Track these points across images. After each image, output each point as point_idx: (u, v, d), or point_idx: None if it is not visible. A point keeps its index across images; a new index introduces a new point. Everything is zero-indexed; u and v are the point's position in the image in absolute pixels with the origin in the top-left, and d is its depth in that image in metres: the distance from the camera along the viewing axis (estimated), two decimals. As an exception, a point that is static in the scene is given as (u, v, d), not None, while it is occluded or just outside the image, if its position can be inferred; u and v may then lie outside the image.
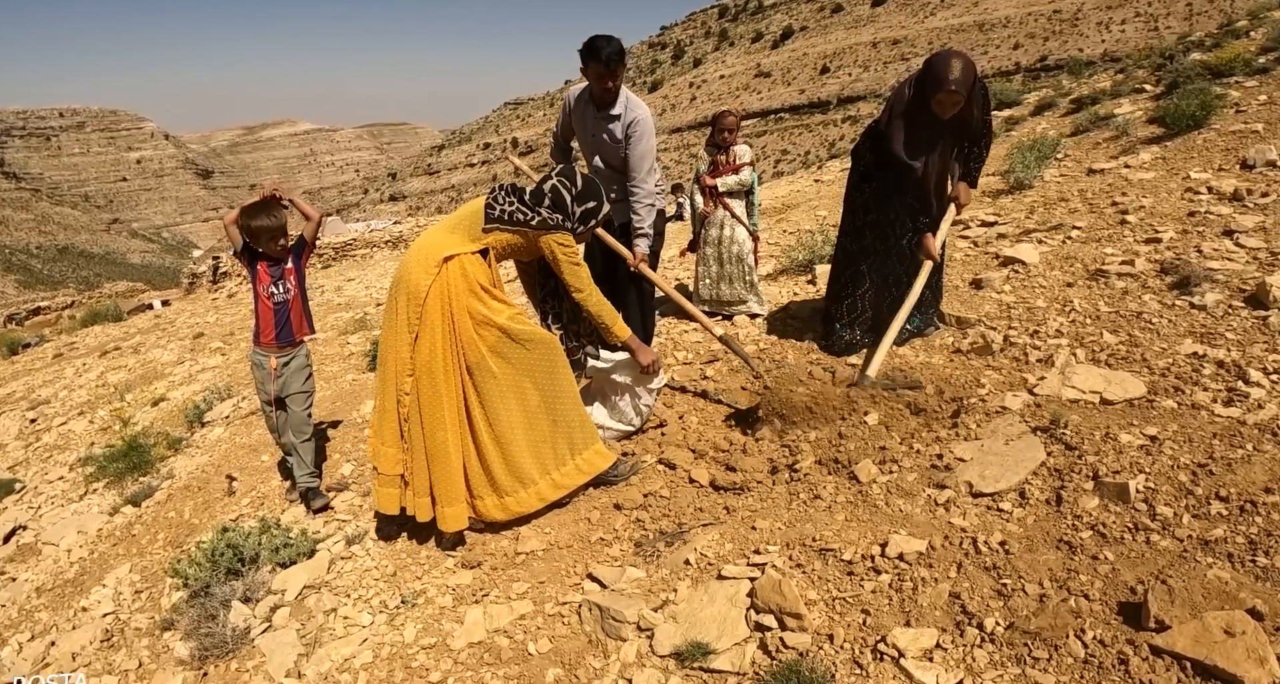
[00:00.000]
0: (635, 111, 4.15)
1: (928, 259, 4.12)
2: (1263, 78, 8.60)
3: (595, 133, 4.29)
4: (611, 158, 4.32)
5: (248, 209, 3.85)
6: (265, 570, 3.52)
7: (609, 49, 3.89)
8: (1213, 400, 3.20)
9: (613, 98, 4.13)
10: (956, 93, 3.77)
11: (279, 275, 3.93)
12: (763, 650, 2.41)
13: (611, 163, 4.34)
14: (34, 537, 5.19)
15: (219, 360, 9.15)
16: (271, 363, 4.00)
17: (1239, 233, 4.90)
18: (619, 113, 4.16)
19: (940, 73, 3.79)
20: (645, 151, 4.18)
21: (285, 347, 4.01)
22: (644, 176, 4.21)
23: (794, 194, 13.05)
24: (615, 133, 4.21)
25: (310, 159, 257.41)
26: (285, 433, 4.12)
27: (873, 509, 3.01)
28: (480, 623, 2.88)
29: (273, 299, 3.93)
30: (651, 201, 4.26)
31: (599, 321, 3.54)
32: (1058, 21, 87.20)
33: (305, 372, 4.08)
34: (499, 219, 3.32)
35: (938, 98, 3.82)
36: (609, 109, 4.18)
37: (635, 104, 4.18)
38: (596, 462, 3.54)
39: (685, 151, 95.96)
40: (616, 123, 4.18)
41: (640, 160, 4.19)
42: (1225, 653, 1.94)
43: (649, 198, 4.24)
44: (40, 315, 25.08)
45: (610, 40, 3.93)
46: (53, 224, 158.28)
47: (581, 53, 3.97)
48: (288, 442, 4.13)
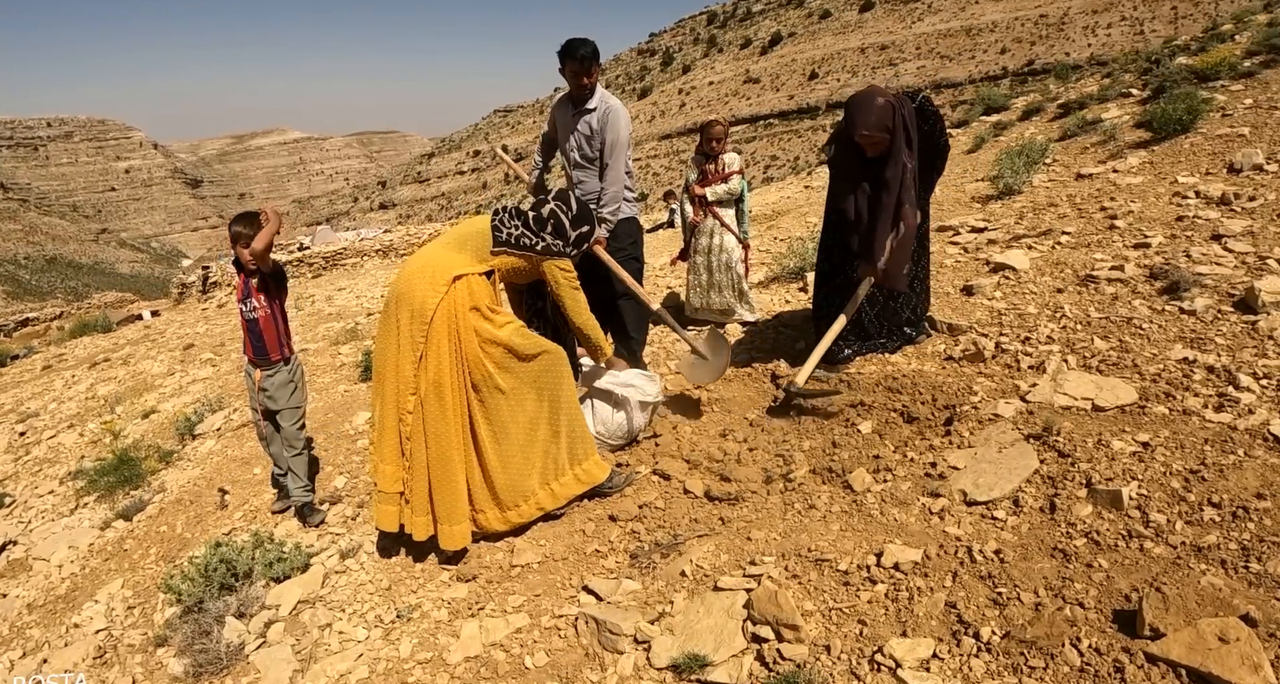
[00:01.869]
0: (608, 103, 4.37)
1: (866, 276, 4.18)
2: (1248, 81, 8.67)
3: (573, 128, 4.48)
4: (588, 150, 4.48)
5: (237, 216, 3.88)
6: (259, 585, 3.50)
7: (583, 49, 4.16)
8: (1204, 406, 3.21)
9: (588, 94, 4.34)
10: (869, 136, 3.89)
11: (247, 293, 3.94)
12: (760, 662, 2.41)
13: (588, 155, 4.50)
14: (24, 552, 5.15)
15: (209, 371, 9.11)
16: (256, 375, 4.04)
17: (1227, 237, 4.93)
18: (594, 106, 4.37)
19: (852, 116, 3.93)
20: (617, 140, 4.35)
21: (264, 363, 4.01)
22: (615, 164, 4.38)
23: (784, 200, 13.09)
24: (592, 123, 4.39)
25: (300, 167, 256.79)
26: (273, 442, 4.12)
27: (867, 518, 3.02)
28: (476, 637, 2.87)
29: (243, 315, 3.98)
30: (617, 189, 4.41)
31: (589, 343, 3.72)
32: (1044, 26, 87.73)
33: (289, 388, 4.06)
34: (507, 243, 3.42)
35: (855, 139, 3.95)
36: (585, 104, 4.38)
37: (609, 98, 4.39)
38: (594, 473, 3.56)
39: (675, 158, 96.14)
40: (592, 114, 4.38)
41: (612, 147, 4.36)
42: (1220, 660, 1.95)
43: (615, 184, 4.40)
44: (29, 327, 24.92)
45: (585, 42, 4.20)
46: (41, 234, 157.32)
47: (559, 53, 4.23)
48: (275, 452, 4.13)
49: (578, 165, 4.54)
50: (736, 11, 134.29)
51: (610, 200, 4.38)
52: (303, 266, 20.30)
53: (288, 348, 4.05)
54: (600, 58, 4.27)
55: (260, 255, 3.77)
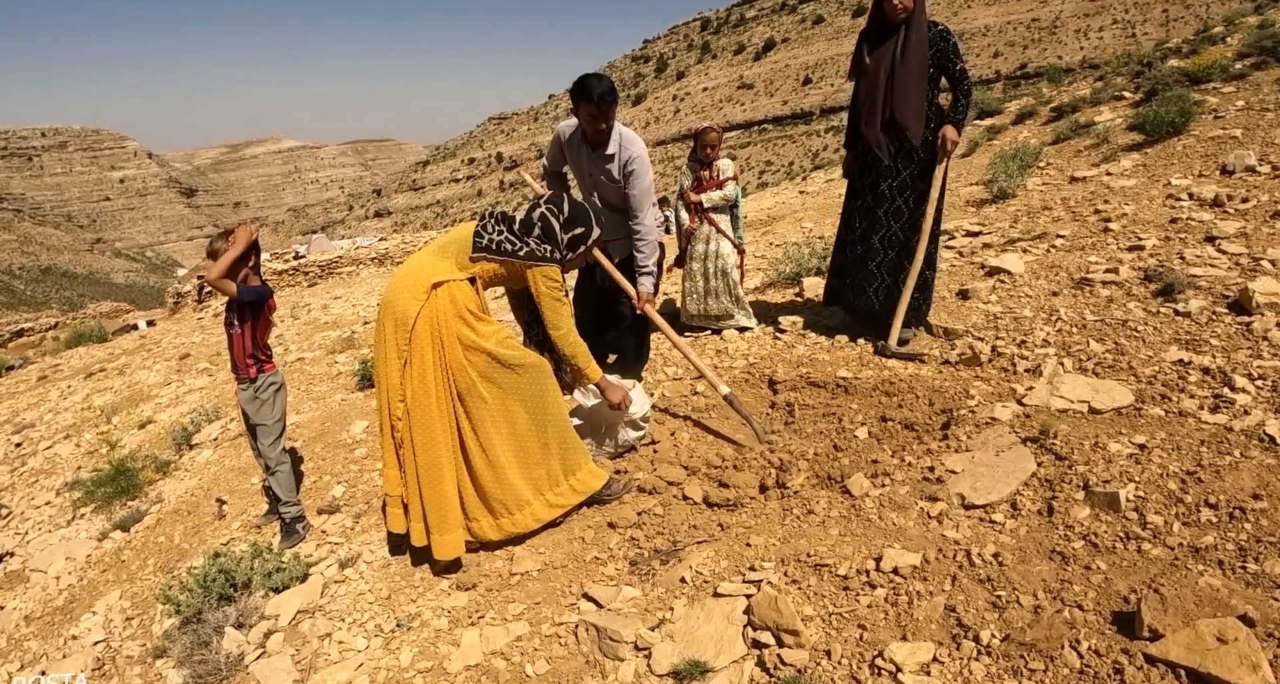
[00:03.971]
0: (630, 149, 4.13)
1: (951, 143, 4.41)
2: (1240, 83, 8.72)
3: (593, 173, 4.28)
4: (611, 197, 4.30)
5: (219, 233, 3.87)
6: (258, 595, 3.49)
7: (600, 89, 3.87)
8: (1199, 407, 3.23)
9: (605, 137, 4.10)
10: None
11: (231, 306, 3.93)
12: (760, 668, 2.41)
13: (610, 202, 4.32)
14: (21, 563, 5.13)
15: (206, 381, 9.10)
16: (235, 387, 4.07)
17: (1221, 238, 4.96)
18: (614, 151, 4.14)
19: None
20: (645, 190, 4.17)
21: (238, 376, 4.02)
22: (644, 213, 4.20)
23: (779, 206, 13.12)
24: (613, 173, 4.19)
25: (294, 176, 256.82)
26: (258, 454, 4.13)
27: (866, 523, 3.02)
28: (477, 645, 2.86)
29: (227, 327, 3.99)
30: (654, 237, 4.26)
31: (572, 362, 3.56)
32: (1036, 29, 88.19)
33: (256, 403, 4.00)
34: (486, 248, 3.33)
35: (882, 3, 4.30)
36: (603, 148, 4.15)
37: (629, 140, 4.15)
38: (590, 481, 3.55)
39: (669, 164, 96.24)
40: (613, 162, 4.16)
41: (640, 199, 4.18)
42: (1219, 660, 1.96)
43: (651, 233, 4.23)
44: (23, 337, 24.81)
45: (601, 79, 3.91)
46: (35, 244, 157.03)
47: (572, 93, 3.98)
48: (261, 463, 4.13)
49: (599, 204, 4.35)
50: (730, 18, 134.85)
51: (649, 252, 4.21)
52: (298, 275, 20.31)
53: (254, 367, 3.99)
54: (617, 96, 3.99)
55: (216, 282, 3.67)
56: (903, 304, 4.55)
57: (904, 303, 4.55)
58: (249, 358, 3.97)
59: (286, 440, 4.21)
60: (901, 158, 4.47)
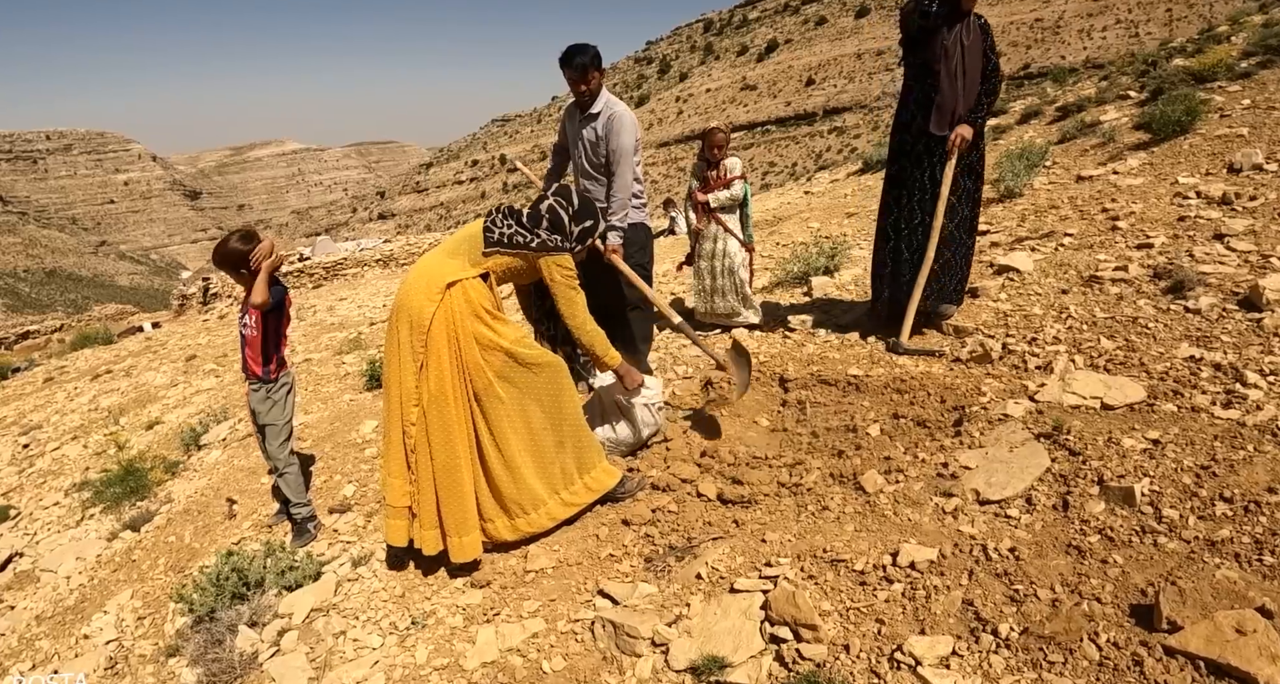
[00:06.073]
0: (613, 108, 4.34)
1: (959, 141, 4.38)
2: (1245, 82, 8.72)
3: (580, 135, 4.47)
4: (594, 158, 4.47)
5: (239, 235, 3.87)
6: (271, 594, 3.50)
7: (579, 57, 4.16)
8: (1212, 403, 3.23)
9: (590, 99, 4.33)
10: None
11: (243, 309, 3.96)
12: (779, 662, 2.42)
13: (595, 163, 4.48)
14: (31, 564, 5.14)
15: (213, 382, 9.11)
16: (244, 388, 4.09)
17: (1229, 236, 4.96)
18: (598, 111, 4.35)
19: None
20: (622, 146, 4.33)
21: (249, 377, 4.04)
22: (622, 171, 4.36)
23: (784, 206, 13.12)
24: (597, 130, 4.37)
25: (299, 178, 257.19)
26: (267, 455, 4.15)
27: (881, 519, 3.03)
28: (493, 642, 2.87)
29: (242, 329, 4.02)
30: (626, 196, 4.39)
31: (590, 350, 3.57)
32: (1040, 29, 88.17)
33: (267, 404, 4.01)
34: (499, 242, 3.32)
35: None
36: (589, 109, 4.37)
37: (614, 102, 4.37)
38: (604, 480, 3.54)
39: (673, 166, 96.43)
40: (596, 120, 4.37)
41: (618, 153, 4.34)
42: (1238, 651, 1.96)
43: (623, 192, 4.38)
44: (29, 339, 24.90)
45: (582, 49, 4.18)
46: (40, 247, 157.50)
47: (559, 62, 4.23)
48: (270, 463, 4.15)
49: (586, 174, 4.52)
50: (733, 19, 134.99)
51: (618, 208, 4.35)
52: (303, 277, 20.32)
53: (271, 368, 4.01)
54: (602, 62, 4.25)
55: (263, 305, 3.80)
56: (916, 295, 4.58)
57: (918, 291, 4.59)
58: (268, 356, 4.00)
59: (294, 441, 4.22)
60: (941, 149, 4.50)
